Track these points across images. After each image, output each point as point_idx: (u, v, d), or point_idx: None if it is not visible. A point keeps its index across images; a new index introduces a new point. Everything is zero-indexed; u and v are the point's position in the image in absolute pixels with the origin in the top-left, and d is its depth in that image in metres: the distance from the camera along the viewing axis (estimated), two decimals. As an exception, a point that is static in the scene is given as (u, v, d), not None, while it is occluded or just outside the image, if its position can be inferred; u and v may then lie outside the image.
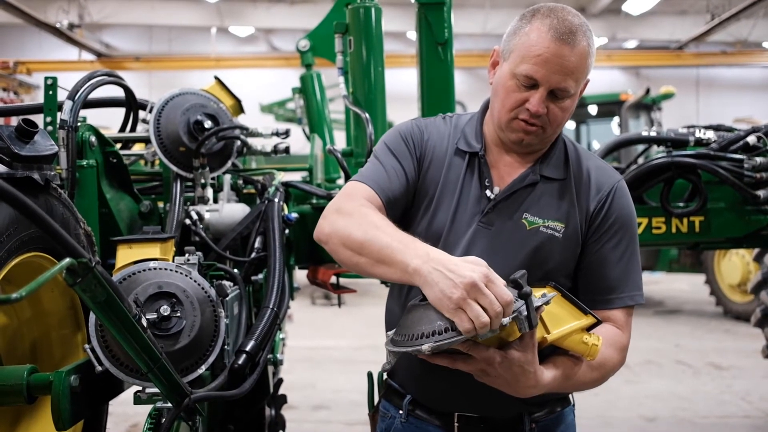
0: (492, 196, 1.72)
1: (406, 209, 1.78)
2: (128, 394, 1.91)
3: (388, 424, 1.85)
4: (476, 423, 1.73)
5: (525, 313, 1.37)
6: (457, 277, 1.35)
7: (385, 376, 1.93)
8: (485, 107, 1.82)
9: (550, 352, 1.59)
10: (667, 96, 10.50)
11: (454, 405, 1.75)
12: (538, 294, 1.47)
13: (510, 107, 1.66)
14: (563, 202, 1.72)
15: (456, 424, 1.74)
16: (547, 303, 1.43)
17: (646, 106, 10.47)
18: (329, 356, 7.50)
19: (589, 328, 1.57)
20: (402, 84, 10.91)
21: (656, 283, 11.99)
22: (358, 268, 1.57)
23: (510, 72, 1.64)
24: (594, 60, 1.67)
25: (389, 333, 1.56)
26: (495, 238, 1.70)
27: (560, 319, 1.51)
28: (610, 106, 10.79)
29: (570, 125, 11.35)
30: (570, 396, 1.86)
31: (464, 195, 1.74)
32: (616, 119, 10.72)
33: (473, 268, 1.37)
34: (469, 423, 1.74)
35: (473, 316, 1.32)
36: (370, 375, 1.99)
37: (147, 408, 1.89)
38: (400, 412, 1.82)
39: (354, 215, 1.60)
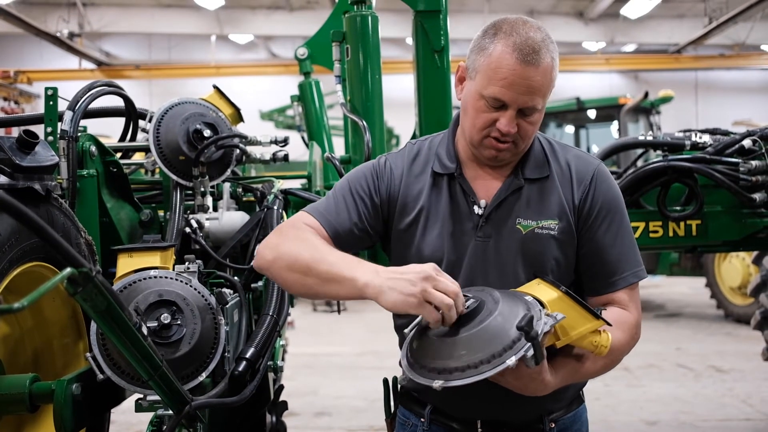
0: (480, 211, 1.74)
1: (372, 240, 1.82)
2: (130, 403, 1.92)
3: (409, 431, 1.87)
4: (498, 427, 1.76)
5: (531, 353, 1.44)
6: (412, 274, 1.46)
7: (399, 382, 1.95)
8: (455, 123, 1.83)
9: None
10: (666, 99, 10.52)
11: (475, 412, 1.77)
12: (548, 298, 1.52)
13: (481, 127, 1.68)
14: (551, 199, 1.74)
15: (479, 429, 1.77)
16: (555, 324, 1.48)
17: (645, 109, 10.48)
18: (331, 363, 7.50)
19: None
20: (402, 90, 10.91)
21: (657, 286, 11.99)
22: (306, 289, 1.62)
23: (477, 93, 1.66)
24: (558, 68, 1.68)
25: (407, 333, 1.61)
26: (495, 249, 1.73)
27: (571, 324, 1.53)
28: (609, 110, 10.80)
29: (569, 129, 11.37)
30: (581, 395, 1.89)
31: (454, 215, 1.75)
32: (615, 123, 10.73)
33: (421, 265, 1.48)
34: (491, 427, 1.76)
35: (438, 303, 1.43)
36: (386, 381, 1.99)
37: (149, 416, 1.91)
38: (422, 420, 1.83)
39: (298, 240, 1.66)
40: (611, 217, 1.75)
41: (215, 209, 2.65)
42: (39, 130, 2.14)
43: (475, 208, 1.74)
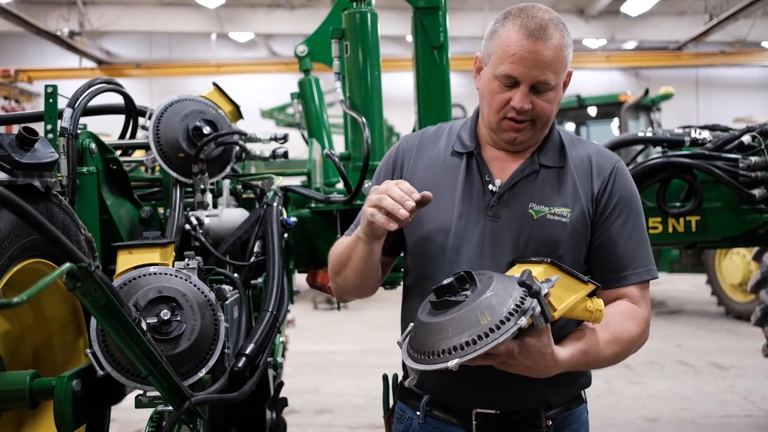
0: (495, 189, 1.76)
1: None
2: (131, 401, 1.93)
3: (405, 425, 1.87)
4: (494, 420, 1.76)
5: (539, 309, 1.43)
6: (378, 188, 1.62)
7: (399, 378, 1.95)
8: (478, 111, 1.86)
9: (561, 326, 1.65)
10: (667, 96, 10.50)
11: (472, 402, 1.77)
12: (536, 272, 1.52)
13: (497, 108, 1.72)
14: (566, 188, 1.76)
15: (474, 422, 1.76)
16: (552, 287, 1.49)
17: (646, 106, 10.47)
18: (332, 360, 7.52)
19: (589, 295, 1.61)
20: (402, 87, 10.90)
21: (658, 283, 11.89)
22: (347, 282, 1.86)
23: (491, 75, 1.71)
24: (571, 51, 1.72)
25: (402, 342, 1.61)
26: (504, 229, 1.74)
27: (563, 292, 1.55)
28: (610, 107, 10.79)
29: (570, 126, 11.37)
30: (583, 394, 1.89)
31: (467, 192, 1.78)
32: (616, 120, 10.72)
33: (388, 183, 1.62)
34: (487, 420, 1.76)
35: (388, 206, 1.57)
36: (385, 377, 2.00)
37: (149, 413, 1.91)
38: (418, 413, 1.83)
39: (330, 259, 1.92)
40: (628, 211, 1.78)
41: (215, 206, 2.65)
42: (39, 127, 2.14)
43: (490, 186, 1.77)
